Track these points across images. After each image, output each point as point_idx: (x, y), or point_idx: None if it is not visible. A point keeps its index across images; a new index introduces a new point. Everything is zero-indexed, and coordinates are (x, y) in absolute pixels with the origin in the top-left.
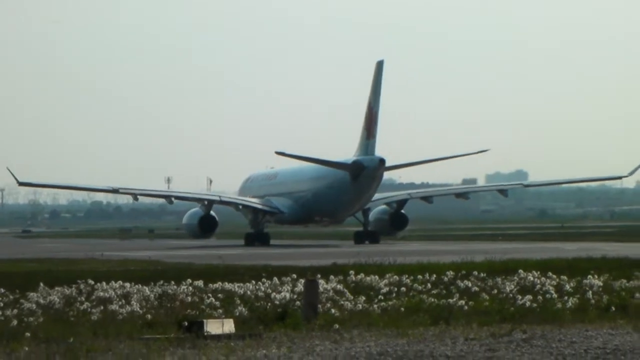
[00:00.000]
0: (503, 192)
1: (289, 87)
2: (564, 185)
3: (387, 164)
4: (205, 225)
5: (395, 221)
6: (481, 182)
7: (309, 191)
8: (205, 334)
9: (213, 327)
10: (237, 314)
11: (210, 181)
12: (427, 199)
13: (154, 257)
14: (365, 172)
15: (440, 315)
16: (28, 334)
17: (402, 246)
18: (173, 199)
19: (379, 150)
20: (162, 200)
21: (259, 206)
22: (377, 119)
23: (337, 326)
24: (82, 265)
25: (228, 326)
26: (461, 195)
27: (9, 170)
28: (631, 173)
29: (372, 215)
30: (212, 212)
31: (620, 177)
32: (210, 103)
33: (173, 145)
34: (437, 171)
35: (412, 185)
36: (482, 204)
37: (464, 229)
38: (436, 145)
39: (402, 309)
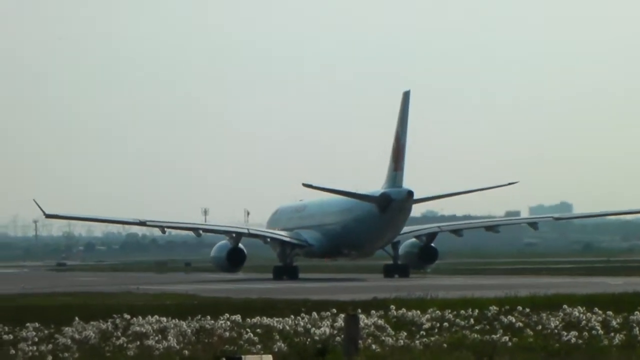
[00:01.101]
0: (533, 225)
1: (318, 119)
2: (609, 217)
3: (416, 196)
4: (234, 259)
5: (425, 254)
6: (524, 214)
7: (337, 224)
8: None
9: None
10: (276, 349)
11: (248, 213)
12: (456, 232)
13: (191, 291)
14: (393, 204)
15: (483, 352)
16: None
17: (442, 280)
18: (201, 231)
19: (408, 182)
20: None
21: (287, 239)
22: (405, 150)
23: None
24: (117, 299)
25: None
26: (491, 228)
27: (35, 202)
28: None
29: (402, 249)
30: (240, 245)
31: (638, 212)
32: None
33: (211, 177)
34: (479, 203)
35: (453, 218)
36: (525, 237)
37: (507, 262)
38: (470, 177)
39: (445, 345)
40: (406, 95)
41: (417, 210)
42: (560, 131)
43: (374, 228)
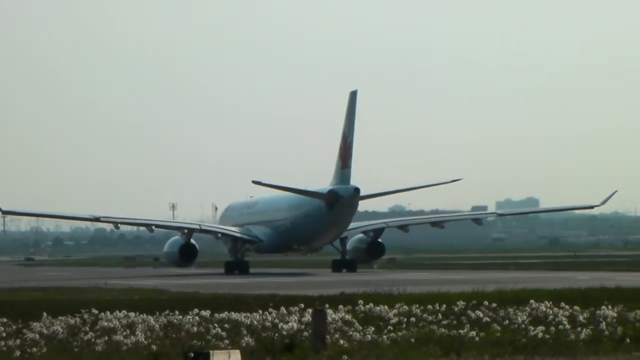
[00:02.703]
0: (477, 221)
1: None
2: (576, 212)
3: (363, 193)
4: (186, 254)
5: (372, 250)
6: (492, 208)
7: (287, 220)
8: None
9: (219, 358)
10: (244, 344)
11: (216, 208)
12: (402, 227)
13: (159, 286)
14: (340, 200)
15: (451, 347)
16: None
17: (410, 275)
18: (153, 227)
19: (357, 180)
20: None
21: (238, 235)
22: (352, 149)
23: (346, 357)
24: (85, 294)
25: (235, 357)
26: (436, 224)
27: None
28: (603, 202)
29: (349, 244)
30: (192, 241)
31: (592, 207)
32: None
33: (178, 171)
34: (447, 198)
35: (421, 212)
36: (494, 232)
37: (475, 257)
38: (436, 173)
39: (412, 339)
40: (353, 95)
41: (385, 205)
42: (527, 125)
43: (322, 224)
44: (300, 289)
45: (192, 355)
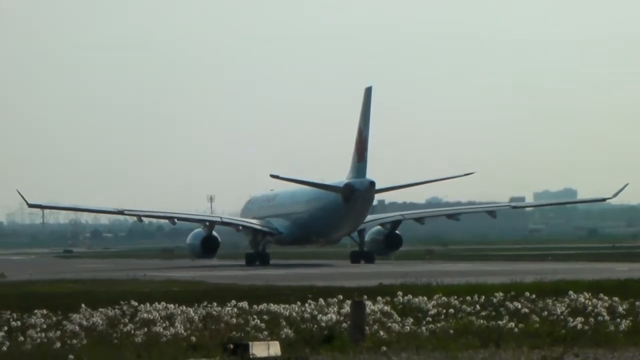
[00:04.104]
0: (491, 213)
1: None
2: (614, 203)
3: (379, 186)
4: (208, 246)
5: (390, 241)
6: (529, 200)
7: (305, 212)
8: (251, 356)
9: (259, 349)
10: (283, 336)
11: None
12: (419, 220)
13: (198, 278)
14: (356, 194)
15: (489, 338)
16: (72, 357)
17: (448, 266)
18: (176, 220)
19: (376, 173)
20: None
21: (258, 227)
22: (367, 143)
23: (384, 349)
24: (124, 286)
25: (274, 349)
26: (452, 216)
27: (19, 192)
28: (615, 195)
29: (367, 236)
30: (214, 233)
31: (604, 199)
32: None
33: (216, 163)
34: (485, 189)
35: (458, 204)
36: (531, 223)
37: (512, 248)
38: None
39: (451, 331)
40: (368, 91)
41: (422, 196)
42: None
43: (339, 216)
44: (338, 281)
45: (232, 346)
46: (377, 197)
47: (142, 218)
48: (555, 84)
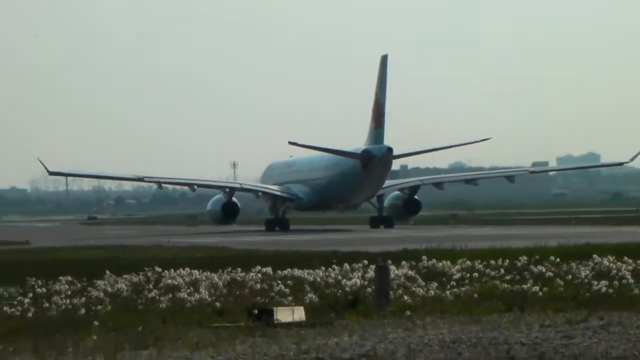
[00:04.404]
0: (510, 178)
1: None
2: (637, 167)
3: (397, 152)
4: (228, 212)
5: (409, 206)
6: (552, 164)
7: (324, 179)
8: (276, 322)
9: (283, 315)
10: (307, 301)
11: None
12: (438, 185)
13: (221, 244)
14: (374, 160)
15: (514, 302)
16: (96, 323)
17: (472, 231)
18: (195, 186)
19: (392, 140)
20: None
21: (278, 193)
22: (384, 110)
23: (409, 313)
24: (148, 253)
25: (298, 314)
26: (470, 181)
27: (40, 160)
28: (632, 159)
29: (386, 201)
30: (234, 199)
31: (621, 163)
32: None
33: (238, 130)
34: (508, 153)
35: (481, 168)
36: (554, 187)
37: (536, 213)
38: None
39: (475, 295)
40: (384, 59)
41: (445, 161)
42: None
43: (357, 182)
44: (362, 246)
45: (256, 311)
46: (400, 162)
47: (162, 185)
48: (575, 50)
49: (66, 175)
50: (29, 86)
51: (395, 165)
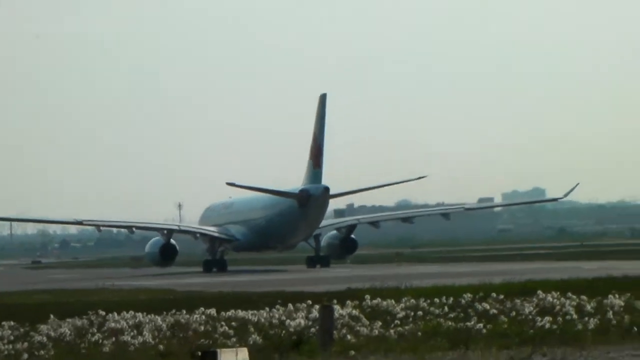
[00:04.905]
0: (446, 215)
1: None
2: (582, 201)
3: (334, 191)
4: (166, 254)
5: (346, 245)
6: (498, 200)
7: (262, 219)
8: None
9: (227, 356)
10: (252, 342)
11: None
12: (374, 224)
13: (166, 286)
14: (311, 199)
15: (458, 339)
16: None
17: (417, 269)
18: (134, 229)
19: (329, 180)
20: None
21: (216, 234)
22: (322, 149)
23: (353, 353)
24: (93, 296)
25: (242, 355)
26: (407, 219)
27: None
28: (566, 195)
29: (323, 241)
30: (172, 241)
31: (556, 199)
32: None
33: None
34: (454, 190)
35: (426, 205)
36: (499, 223)
37: (481, 249)
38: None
39: (420, 333)
40: (323, 98)
41: (391, 199)
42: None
43: (294, 222)
44: (307, 285)
45: (200, 354)
46: (346, 200)
47: (101, 228)
48: (522, 85)
49: (4, 219)
50: None
51: (341, 203)
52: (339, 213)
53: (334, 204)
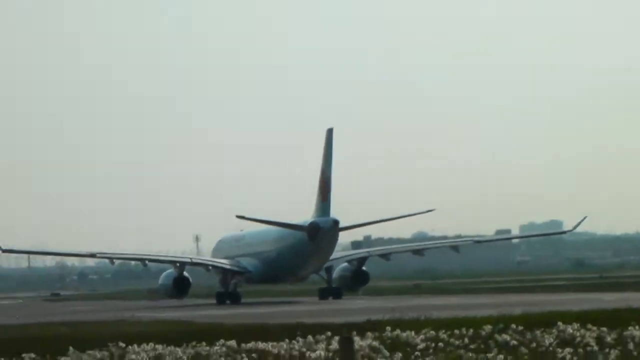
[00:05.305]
0: (455, 248)
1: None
2: (600, 233)
3: (343, 224)
4: (179, 286)
5: (357, 278)
6: (515, 232)
7: (272, 251)
8: None
9: None
10: None
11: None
12: (385, 256)
13: (184, 318)
14: (320, 232)
15: None
16: None
17: (435, 300)
18: (147, 261)
19: (339, 213)
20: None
21: (228, 266)
22: (330, 183)
23: None
24: (112, 328)
25: None
26: (418, 252)
27: None
28: (574, 227)
29: (335, 273)
30: (185, 273)
31: (564, 232)
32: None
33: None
34: (470, 222)
35: (444, 237)
36: (518, 255)
37: (499, 280)
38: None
39: None
40: (330, 132)
41: (408, 231)
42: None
43: (305, 254)
44: (326, 317)
45: None
46: (364, 232)
47: (114, 260)
48: (537, 111)
49: (20, 252)
50: None
51: (359, 235)
52: (356, 245)
53: (351, 236)
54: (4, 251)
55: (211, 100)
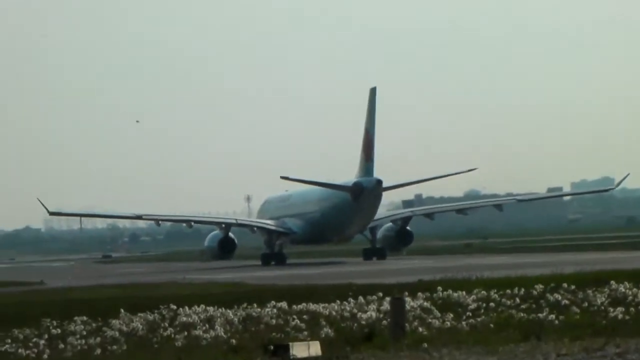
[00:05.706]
0: (498, 207)
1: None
2: None
3: (385, 184)
4: (225, 247)
5: (401, 237)
6: (567, 189)
7: (317, 212)
8: (292, 357)
9: (299, 350)
10: (323, 335)
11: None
12: (429, 215)
13: (236, 279)
14: (364, 192)
15: (530, 331)
16: None
17: (487, 260)
18: (192, 223)
19: (383, 172)
20: None
21: (273, 227)
22: (374, 142)
23: (425, 345)
24: (163, 290)
25: (314, 348)
26: (461, 211)
27: (39, 200)
28: (617, 185)
29: (379, 233)
30: (230, 234)
31: (607, 190)
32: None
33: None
34: (524, 181)
35: (495, 196)
36: (569, 213)
37: (551, 239)
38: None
39: (491, 325)
40: (373, 92)
41: (460, 189)
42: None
43: (349, 214)
44: (377, 278)
45: (272, 347)
46: (415, 191)
47: (160, 222)
48: (585, 73)
49: (67, 215)
50: (39, 127)
51: (410, 194)
52: (407, 204)
53: (401, 195)
54: (52, 214)
55: (259, 68)
